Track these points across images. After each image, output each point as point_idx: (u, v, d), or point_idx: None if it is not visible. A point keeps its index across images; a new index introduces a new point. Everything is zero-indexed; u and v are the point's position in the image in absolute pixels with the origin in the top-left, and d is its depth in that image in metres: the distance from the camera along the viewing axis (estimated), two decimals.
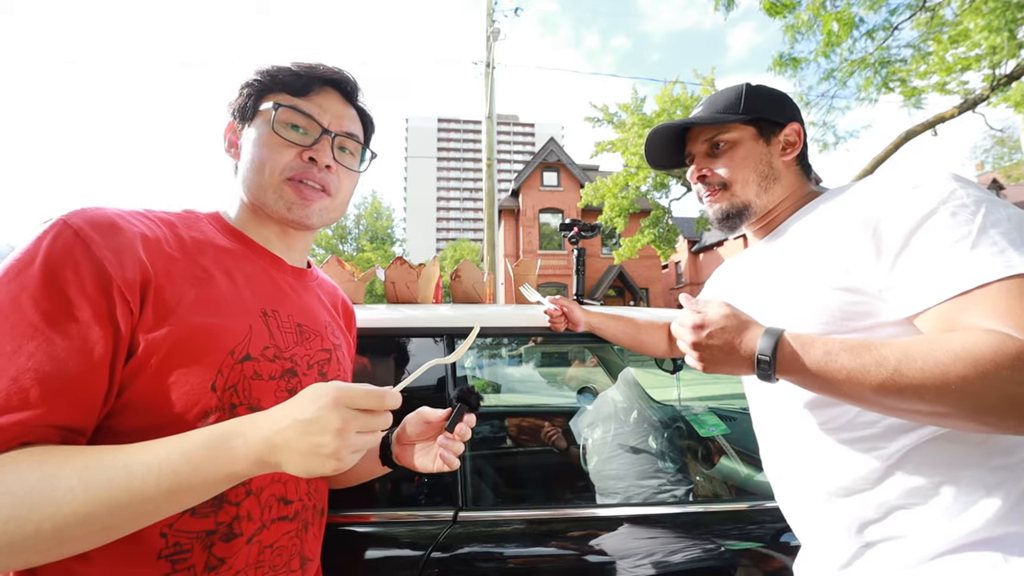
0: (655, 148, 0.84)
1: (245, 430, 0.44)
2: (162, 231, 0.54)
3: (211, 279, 0.55)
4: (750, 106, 0.74)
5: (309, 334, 0.64)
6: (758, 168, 0.74)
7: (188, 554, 0.49)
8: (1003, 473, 0.53)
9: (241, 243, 0.63)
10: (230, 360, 0.52)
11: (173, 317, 0.49)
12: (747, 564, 0.91)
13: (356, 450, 0.45)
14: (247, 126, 0.62)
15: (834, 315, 0.60)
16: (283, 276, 0.65)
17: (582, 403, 2.11)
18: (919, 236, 0.53)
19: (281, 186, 0.60)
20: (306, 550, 0.61)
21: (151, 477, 0.41)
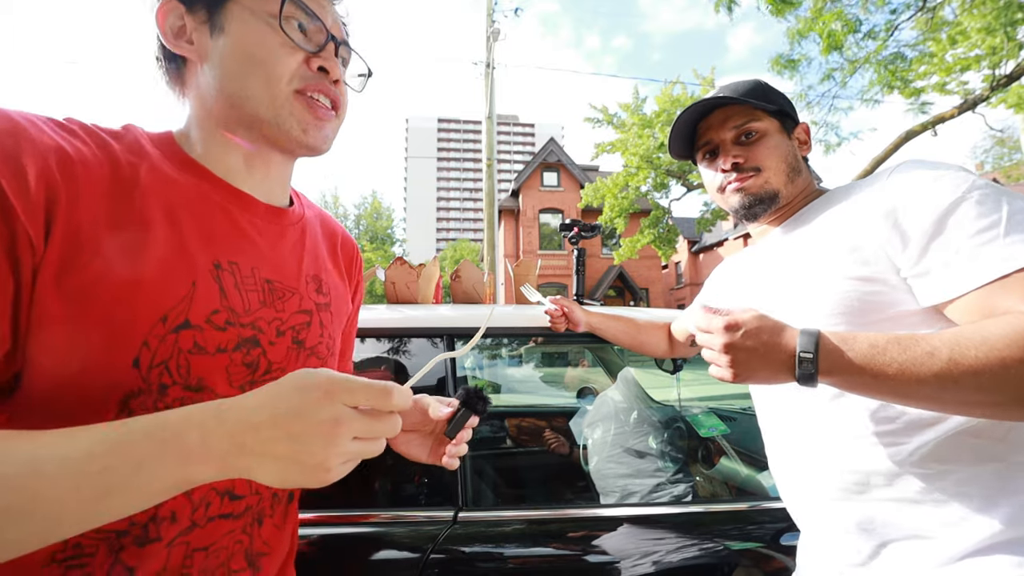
0: (678, 135, 0.80)
1: (206, 421, 0.33)
2: (89, 149, 0.41)
3: (146, 220, 0.42)
4: (772, 99, 0.74)
5: (281, 292, 0.51)
6: (787, 159, 0.74)
7: (89, 559, 0.39)
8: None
9: (195, 175, 0.48)
10: (161, 328, 0.40)
11: (85, 263, 0.37)
12: (747, 564, 0.91)
13: (349, 460, 0.35)
14: (213, 14, 0.47)
15: (852, 306, 0.60)
16: (251, 218, 0.51)
17: (582, 404, 2.11)
18: (949, 224, 0.53)
19: (291, 100, 0.48)
20: (257, 545, 0.50)
21: (67, 479, 0.30)
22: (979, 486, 0.53)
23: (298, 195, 0.62)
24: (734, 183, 0.74)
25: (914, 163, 0.60)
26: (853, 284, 0.60)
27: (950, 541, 0.54)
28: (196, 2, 0.47)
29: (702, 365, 1.48)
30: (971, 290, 0.51)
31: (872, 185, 0.62)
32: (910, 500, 0.56)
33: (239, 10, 0.47)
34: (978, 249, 0.51)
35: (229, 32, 0.47)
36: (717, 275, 0.95)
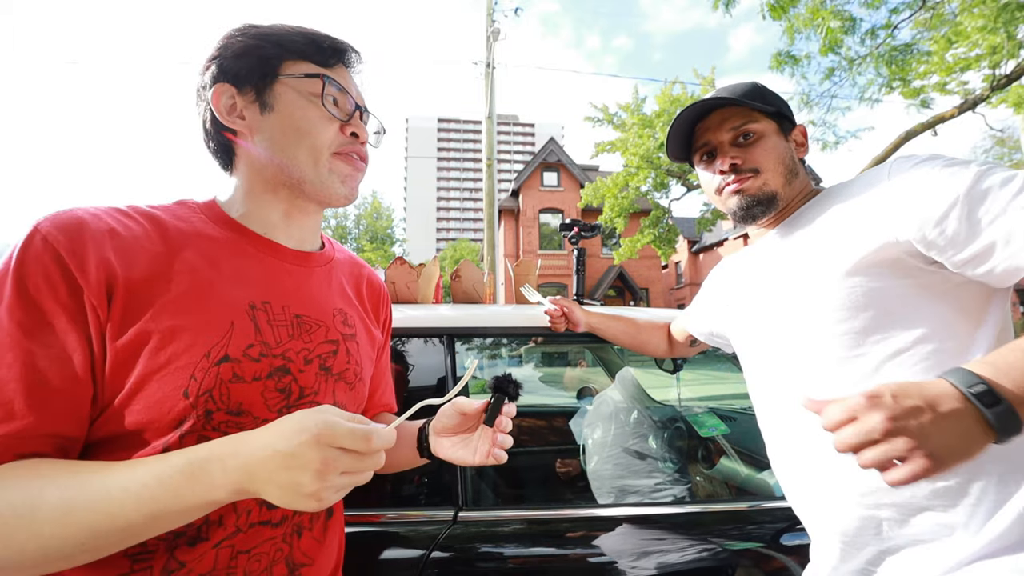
0: (676, 136, 0.80)
1: (224, 455, 0.42)
2: (140, 227, 0.50)
3: (192, 274, 0.51)
4: (769, 101, 0.74)
5: (309, 325, 0.59)
6: (784, 160, 0.74)
7: (151, 555, 0.47)
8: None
9: (233, 231, 0.58)
10: (205, 363, 0.48)
11: (143, 319, 0.47)
12: (747, 564, 0.91)
13: (340, 489, 0.42)
14: (261, 94, 0.56)
15: (857, 301, 0.60)
16: (281, 264, 0.60)
17: (582, 404, 2.11)
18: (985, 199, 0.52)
19: (331, 161, 0.58)
20: (297, 556, 0.56)
21: (129, 502, 0.40)
22: (984, 489, 0.52)
23: (330, 241, 0.72)
24: (732, 184, 0.74)
25: (914, 156, 0.60)
26: (857, 281, 0.59)
27: (955, 546, 0.53)
28: (245, 84, 0.55)
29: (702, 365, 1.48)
30: None
31: (873, 179, 0.62)
32: (914, 505, 0.56)
33: (284, 91, 0.56)
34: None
35: (278, 110, 0.56)
36: (715, 276, 0.95)
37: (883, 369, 0.59)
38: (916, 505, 0.56)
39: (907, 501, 0.56)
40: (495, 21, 8.43)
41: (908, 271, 0.58)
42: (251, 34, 0.56)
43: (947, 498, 0.54)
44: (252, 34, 0.56)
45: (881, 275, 0.58)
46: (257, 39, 0.56)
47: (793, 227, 0.73)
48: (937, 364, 0.56)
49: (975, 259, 0.54)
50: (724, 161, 0.74)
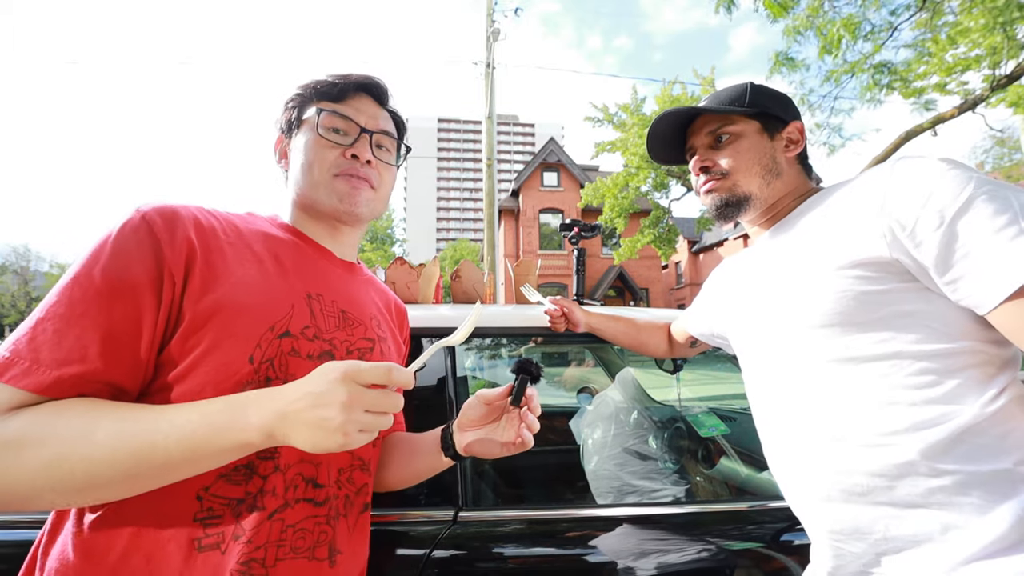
0: (658, 140, 0.83)
1: (261, 399, 0.46)
2: (218, 222, 0.59)
3: (260, 262, 0.59)
4: (755, 101, 0.75)
5: (352, 321, 0.66)
6: (762, 161, 0.74)
7: (219, 520, 0.51)
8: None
9: (293, 235, 0.68)
10: (269, 335, 0.55)
11: (219, 291, 0.53)
12: (747, 564, 0.91)
13: (363, 428, 0.46)
14: (294, 136, 0.68)
15: (848, 304, 0.59)
16: (332, 267, 0.69)
17: (582, 403, 2.11)
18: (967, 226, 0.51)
19: (331, 182, 0.65)
20: (339, 542, 0.60)
21: (173, 434, 0.44)
22: (980, 488, 0.52)
23: (362, 265, 0.81)
24: (703, 185, 0.78)
25: (912, 160, 0.58)
26: (849, 282, 0.59)
27: (952, 546, 0.53)
28: (288, 132, 0.69)
29: (702, 365, 1.48)
30: (1010, 295, 0.49)
31: (871, 180, 0.61)
32: (911, 504, 0.55)
33: (303, 129, 0.67)
34: (1004, 249, 0.49)
35: (295, 146, 0.68)
36: (715, 277, 0.95)
37: (878, 371, 0.58)
38: (912, 505, 0.55)
39: (903, 501, 0.56)
40: (495, 21, 8.43)
41: (901, 273, 0.57)
42: (295, 89, 0.68)
43: (944, 497, 0.53)
44: (296, 88, 0.68)
45: (875, 276, 0.58)
46: (301, 89, 0.68)
47: (787, 227, 0.73)
48: (936, 365, 0.55)
49: (946, 286, 0.54)
50: (697, 163, 0.79)
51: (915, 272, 0.56)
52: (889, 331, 0.57)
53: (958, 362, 0.55)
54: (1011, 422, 0.53)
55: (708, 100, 0.79)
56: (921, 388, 0.55)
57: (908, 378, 0.56)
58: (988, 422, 0.53)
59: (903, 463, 0.55)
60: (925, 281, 0.56)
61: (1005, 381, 0.54)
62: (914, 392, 0.55)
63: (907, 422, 0.55)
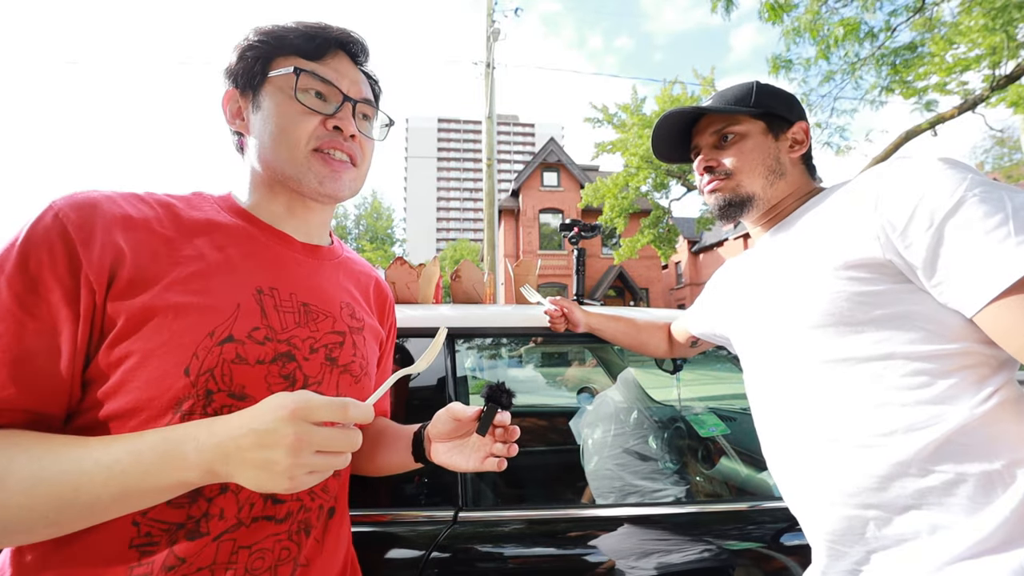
0: (662, 139, 0.84)
1: (200, 434, 0.41)
2: (154, 212, 0.52)
3: (200, 257, 0.52)
4: (761, 101, 0.75)
5: (316, 314, 0.59)
6: (765, 161, 0.74)
7: (155, 547, 0.46)
8: (1019, 469, 0.51)
9: (244, 220, 0.59)
10: (208, 342, 0.48)
11: (149, 296, 0.47)
12: (747, 564, 0.91)
13: (314, 471, 0.41)
14: (256, 94, 0.58)
15: (841, 306, 0.59)
16: (290, 253, 0.60)
17: (582, 403, 2.11)
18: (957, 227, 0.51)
19: (309, 158, 0.57)
20: (304, 556, 0.55)
21: (100, 476, 0.40)
22: (970, 489, 0.52)
23: (340, 242, 0.73)
24: (707, 185, 0.78)
25: (908, 160, 0.58)
26: (844, 283, 0.59)
27: (940, 546, 0.53)
28: (246, 88, 0.58)
29: (702, 365, 1.48)
30: (995, 297, 0.49)
31: (864, 182, 0.61)
32: (902, 504, 0.56)
33: (271, 89, 0.57)
34: (991, 251, 0.49)
35: (263, 107, 0.57)
36: (717, 278, 0.96)
37: (872, 372, 0.58)
38: (902, 505, 0.56)
39: (893, 501, 0.56)
40: (495, 21, 8.43)
41: (895, 274, 0.57)
42: (253, 34, 0.58)
43: (933, 498, 0.54)
44: (254, 34, 0.58)
45: (869, 277, 0.58)
46: (256, 38, 0.57)
47: (787, 227, 0.73)
48: (930, 366, 0.55)
49: (933, 288, 0.54)
50: (701, 163, 0.79)
51: (907, 273, 0.56)
52: (883, 332, 0.57)
53: (952, 363, 0.55)
54: (1002, 424, 0.53)
55: (714, 99, 0.79)
56: (914, 389, 0.55)
57: (902, 379, 0.56)
58: (979, 423, 0.53)
59: (895, 464, 0.55)
60: (917, 282, 0.56)
61: (999, 382, 0.54)
62: (907, 393, 0.56)
63: (900, 423, 0.56)
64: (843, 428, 0.60)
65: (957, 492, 0.53)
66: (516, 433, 0.59)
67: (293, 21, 0.58)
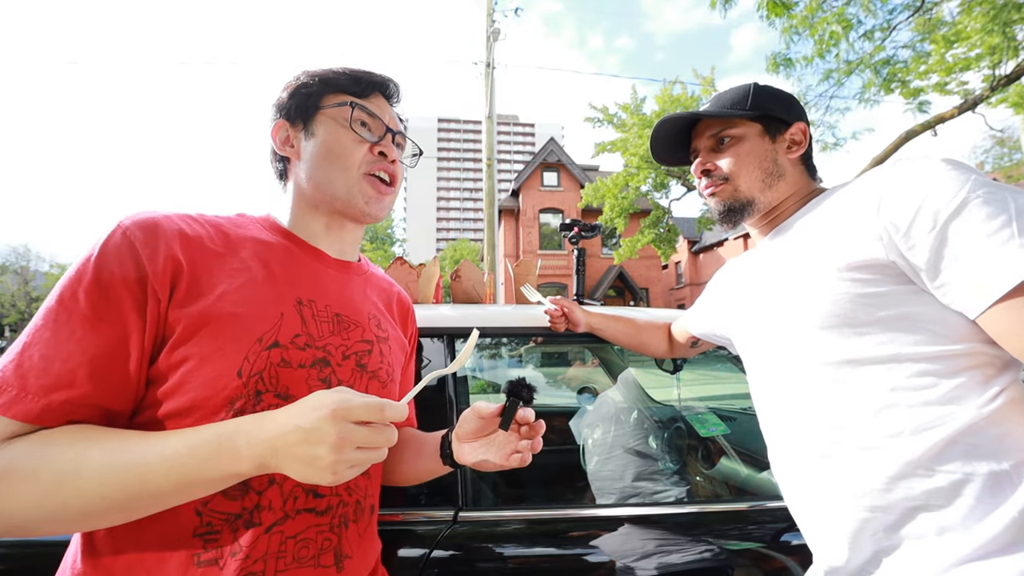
0: (660, 142, 0.84)
1: (251, 429, 0.45)
2: (205, 230, 0.58)
3: (248, 270, 0.57)
4: (757, 103, 0.75)
5: (348, 324, 0.64)
6: (763, 164, 0.74)
7: (218, 535, 0.51)
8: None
9: (285, 238, 0.65)
10: (257, 347, 0.53)
11: (204, 305, 0.52)
12: (747, 564, 0.91)
13: (354, 465, 0.44)
14: (307, 125, 0.65)
15: (845, 308, 0.59)
16: (325, 269, 0.67)
17: (582, 403, 2.11)
18: (959, 228, 0.51)
19: (360, 180, 0.64)
20: (344, 547, 0.59)
21: (162, 468, 0.44)
22: (977, 490, 0.52)
23: (366, 260, 0.79)
24: (706, 189, 0.79)
25: (911, 161, 0.58)
26: (847, 284, 0.59)
27: (947, 547, 0.53)
28: (296, 118, 0.65)
29: (702, 365, 1.48)
30: (998, 298, 0.49)
31: (870, 182, 0.61)
32: (909, 505, 0.55)
33: (324, 119, 0.64)
34: (994, 253, 0.49)
35: (317, 135, 0.64)
36: (718, 278, 0.95)
37: (877, 373, 0.58)
38: (909, 506, 0.55)
39: (899, 502, 0.56)
40: (495, 21, 8.43)
41: (898, 275, 0.57)
42: (304, 75, 0.66)
43: (941, 499, 0.53)
44: (305, 75, 0.66)
45: (873, 278, 0.57)
46: (307, 79, 0.65)
47: (789, 228, 0.73)
48: (935, 367, 0.55)
49: (937, 290, 0.54)
50: (698, 166, 0.79)
51: (911, 275, 0.56)
52: (888, 333, 0.57)
53: (957, 364, 0.54)
54: (1009, 423, 0.53)
55: (711, 102, 0.79)
56: (920, 390, 0.55)
57: (907, 380, 0.56)
58: (986, 422, 0.52)
59: (902, 465, 0.55)
60: (920, 284, 0.56)
61: (1005, 382, 0.54)
62: (913, 394, 0.55)
63: (906, 424, 0.55)
64: (849, 430, 0.60)
65: (964, 492, 0.52)
66: (541, 428, 0.62)
67: (341, 66, 0.67)
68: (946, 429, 0.53)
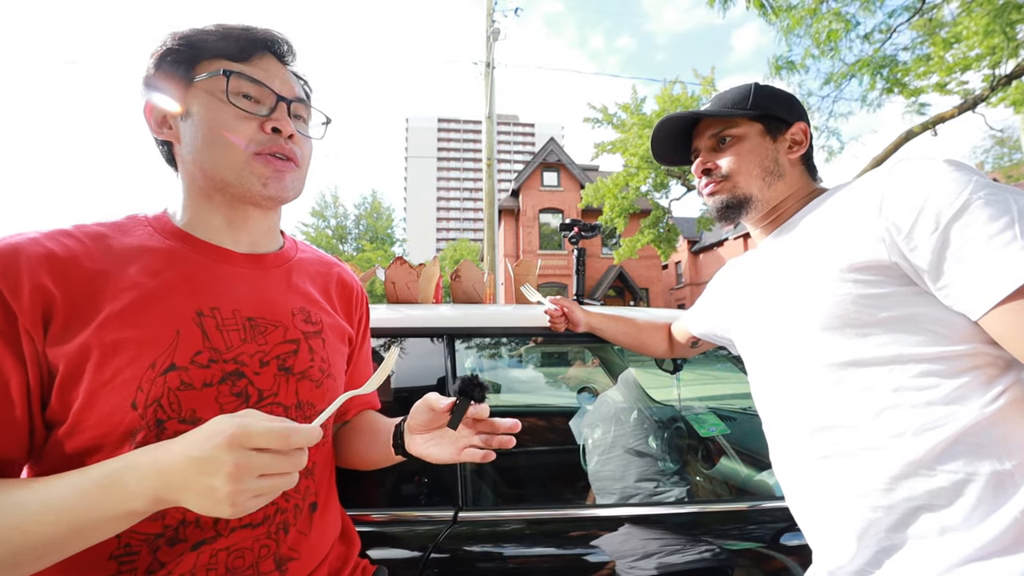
0: (662, 142, 0.84)
1: (141, 464, 0.41)
2: (82, 246, 0.51)
3: (135, 288, 0.51)
4: (758, 103, 0.75)
5: (263, 327, 0.58)
6: (763, 163, 0.74)
7: (135, 556, 0.48)
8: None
9: (179, 240, 0.57)
10: (151, 373, 0.48)
11: (85, 336, 0.47)
12: (747, 564, 0.91)
13: (259, 495, 0.40)
14: (183, 101, 0.55)
15: (847, 308, 0.59)
16: (232, 269, 0.59)
17: (582, 403, 2.11)
18: (961, 230, 0.51)
19: (250, 162, 0.55)
20: (283, 551, 0.56)
21: (48, 516, 0.40)
22: (980, 490, 0.52)
23: (294, 241, 0.72)
24: (705, 188, 0.79)
25: (912, 162, 0.58)
26: (849, 285, 0.59)
27: (949, 547, 0.53)
28: (168, 95, 0.55)
29: (702, 365, 1.48)
30: (1000, 300, 0.49)
31: (871, 182, 0.60)
32: (911, 505, 0.55)
33: (198, 94, 0.55)
34: (996, 255, 0.49)
35: (193, 114, 0.55)
36: (719, 279, 0.95)
37: (879, 374, 0.58)
38: (912, 506, 0.55)
39: (902, 502, 0.56)
40: (495, 21, 8.43)
41: (900, 276, 0.57)
42: (170, 39, 0.55)
43: (943, 499, 0.54)
44: (171, 39, 0.55)
45: (874, 279, 0.57)
46: (173, 43, 0.55)
47: (789, 229, 0.73)
48: (938, 368, 0.55)
49: (939, 291, 0.54)
50: (699, 165, 0.79)
51: (913, 276, 0.56)
52: (890, 334, 0.57)
53: (960, 364, 0.54)
54: (1012, 423, 0.53)
55: (712, 102, 0.79)
56: (923, 391, 0.55)
57: (910, 381, 0.56)
58: (989, 422, 0.52)
59: (904, 465, 0.55)
60: (922, 285, 0.56)
61: (1008, 382, 0.54)
62: (916, 395, 0.55)
63: (909, 424, 0.55)
64: (851, 430, 0.60)
65: (967, 492, 0.52)
66: (500, 427, 0.58)
67: (213, 24, 0.56)
68: (948, 429, 0.53)
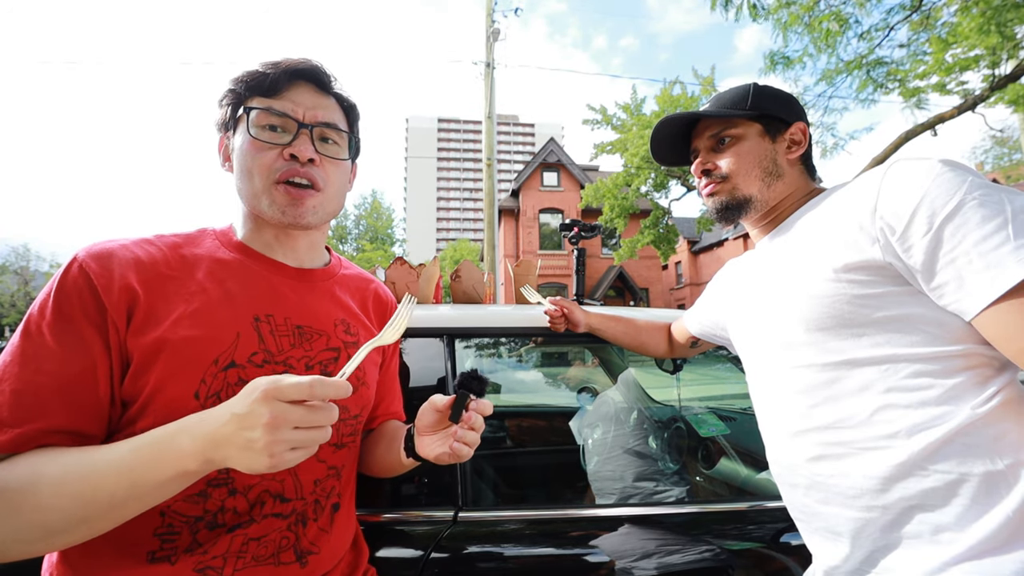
0: (661, 142, 0.84)
1: (192, 426, 0.45)
2: (162, 254, 0.59)
3: (203, 292, 0.58)
4: (757, 103, 0.75)
5: (310, 335, 0.65)
6: (762, 163, 0.74)
7: (176, 536, 0.53)
8: (1022, 468, 0.51)
9: (241, 253, 0.65)
10: (213, 369, 0.55)
11: (160, 329, 0.53)
12: (747, 564, 0.91)
13: (295, 446, 0.43)
14: (231, 138, 0.64)
15: (841, 309, 0.59)
16: (283, 280, 0.66)
17: (582, 403, 2.11)
18: (955, 231, 0.50)
19: (271, 190, 0.61)
20: (304, 544, 0.61)
21: (111, 472, 0.44)
22: (972, 489, 0.52)
23: (339, 259, 0.79)
24: (705, 188, 0.79)
25: (907, 162, 0.58)
26: (844, 286, 0.59)
27: (943, 546, 0.53)
28: (229, 129, 0.64)
29: (702, 365, 1.49)
30: (993, 301, 0.49)
31: (863, 184, 0.61)
32: (905, 505, 0.56)
33: (239, 130, 0.62)
34: (989, 256, 0.49)
35: (235, 148, 0.63)
36: (718, 279, 0.96)
37: (873, 374, 0.58)
38: (906, 506, 0.56)
39: (896, 502, 0.56)
40: (495, 21, 8.44)
41: (895, 276, 0.57)
42: (234, 79, 0.62)
43: (937, 499, 0.54)
44: (228, 83, 0.62)
45: (869, 279, 0.57)
46: (234, 83, 0.62)
47: (787, 229, 0.73)
48: (932, 368, 0.55)
49: (932, 292, 0.54)
50: (699, 166, 0.80)
51: (907, 276, 0.56)
52: (884, 335, 0.57)
53: (954, 365, 0.55)
54: (1005, 424, 0.53)
55: (711, 103, 0.79)
56: (917, 391, 0.55)
57: (904, 381, 0.56)
58: (982, 422, 0.53)
59: (898, 465, 0.55)
60: (916, 285, 0.56)
61: (1002, 383, 0.54)
62: (909, 395, 0.56)
63: (903, 425, 0.55)
64: (845, 430, 0.60)
65: (960, 492, 0.53)
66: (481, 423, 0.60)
67: (259, 62, 0.62)
68: (942, 429, 0.53)
